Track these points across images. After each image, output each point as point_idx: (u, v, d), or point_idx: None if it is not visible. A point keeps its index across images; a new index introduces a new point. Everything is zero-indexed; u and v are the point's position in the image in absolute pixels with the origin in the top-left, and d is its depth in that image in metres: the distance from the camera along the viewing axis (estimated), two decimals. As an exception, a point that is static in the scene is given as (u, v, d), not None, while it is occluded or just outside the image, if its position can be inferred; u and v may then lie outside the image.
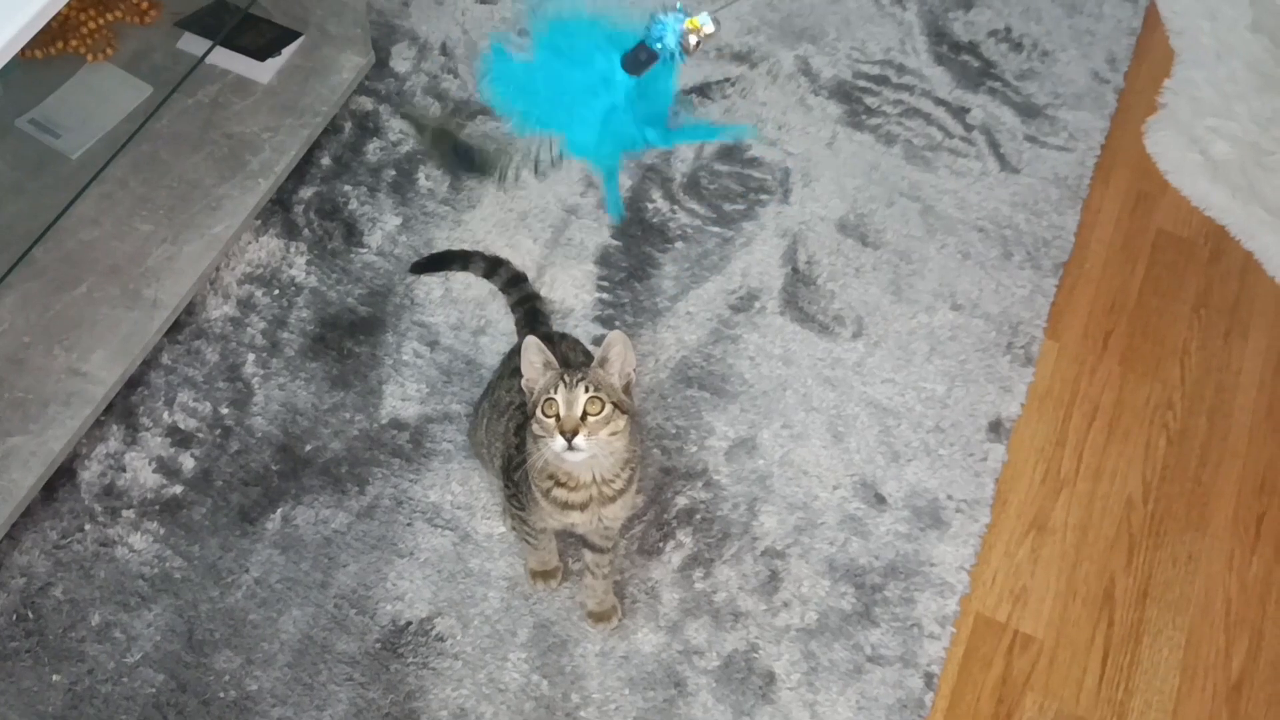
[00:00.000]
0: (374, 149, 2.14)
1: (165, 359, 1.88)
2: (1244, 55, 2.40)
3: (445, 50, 2.28)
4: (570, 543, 1.72)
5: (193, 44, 2.05)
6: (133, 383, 1.83)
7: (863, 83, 2.29)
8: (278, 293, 1.96)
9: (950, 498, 1.82)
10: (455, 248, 2.01)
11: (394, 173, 2.11)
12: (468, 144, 2.10)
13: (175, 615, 1.66)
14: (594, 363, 1.41)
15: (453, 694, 1.62)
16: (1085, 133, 2.26)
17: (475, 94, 2.21)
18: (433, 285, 1.99)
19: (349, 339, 1.92)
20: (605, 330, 1.91)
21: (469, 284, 1.98)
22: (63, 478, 1.75)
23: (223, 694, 1.60)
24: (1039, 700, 1.69)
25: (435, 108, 2.20)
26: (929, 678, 1.67)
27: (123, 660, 1.62)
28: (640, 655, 1.66)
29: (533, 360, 1.42)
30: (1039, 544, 1.82)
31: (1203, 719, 1.69)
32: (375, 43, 2.15)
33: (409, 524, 1.75)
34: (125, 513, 1.73)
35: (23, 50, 1.35)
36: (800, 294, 2.02)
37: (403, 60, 2.25)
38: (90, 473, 1.76)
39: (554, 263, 2.02)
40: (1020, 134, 2.24)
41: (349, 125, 2.16)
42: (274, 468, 1.79)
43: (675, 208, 2.10)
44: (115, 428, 1.81)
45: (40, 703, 1.58)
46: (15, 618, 1.64)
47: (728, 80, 2.28)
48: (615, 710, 1.62)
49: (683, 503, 1.79)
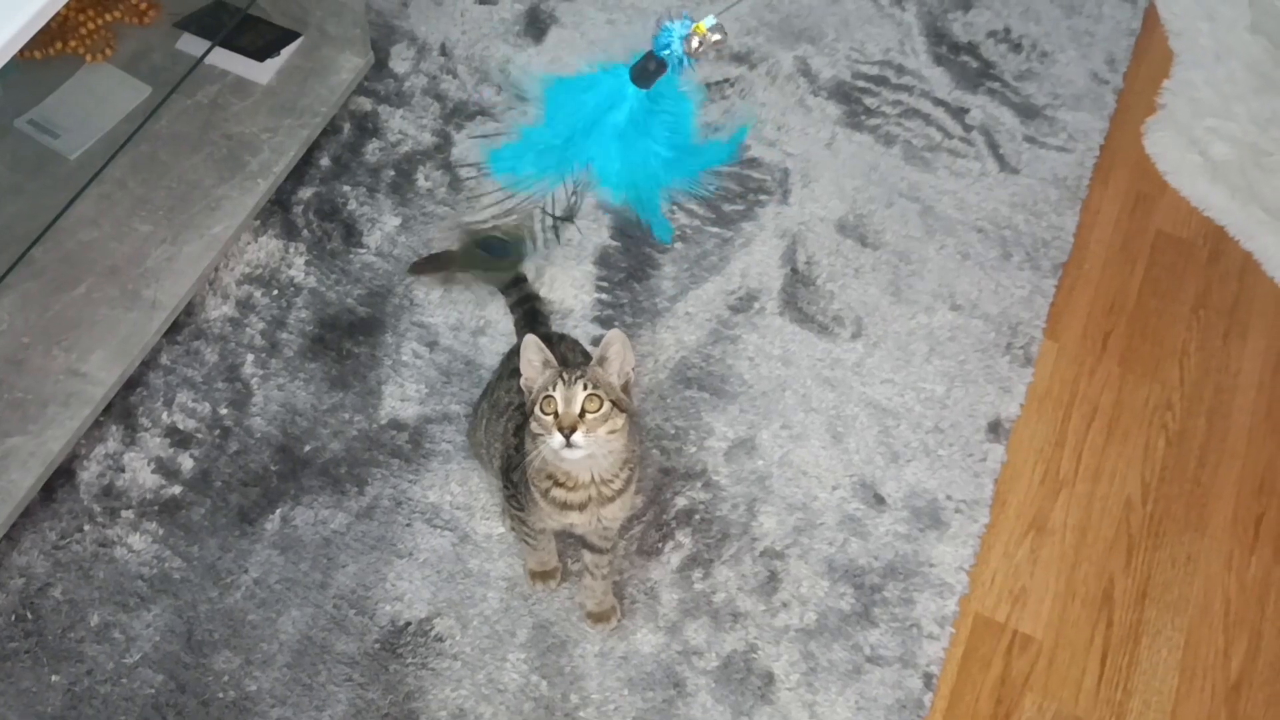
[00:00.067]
0: (373, 149, 2.14)
1: (164, 359, 1.88)
2: (1243, 56, 2.40)
3: (444, 51, 2.28)
4: (569, 543, 1.72)
5: (192, 44, 2.05)
6: (132, 383, 1.83)
7: (862, 83, 2.29)
8: (277, 293, 1.96)
9: (949, 498, 1.82)
10: (455, 248, 2.01)
11: (393, 173, 2.11)
12: (489, 237, 1.99)
13: (174, 616, 1.66)
14: (593, 361, 1.41)
15: (452, 694, 1.62)
16: (1084, 133, 2.26)
17: (474, 95, 2.22)
18: (432, 285, 1.98)
19: (348, 339, 1.92)
20: (604, 331, 1.90)
21: (468, 284, 1.98)
22: (62, 478, 1.75)
23: (222, 694, 1.60)
24: (1038, 700, 1.69)
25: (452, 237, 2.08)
26: (928, 678, 1.67)
27: (122, 661, 1.62)
28: (639, 656, 1.66)
29: (531, 359, 1.41)
30: (1038, 544, 1.82)
31: (1201, 719, 1.69)
32: (374, 43, 2.15)
33: (408, 524, 1.75)
34: (124, 513, 1.73)
35: (22, 51, 1.35)
36: (799, 294, 2.02)
37: (402, 61, 2.26)
38: (89, 473, 1.76)
39: (553, 263, 2.02)
40: (1019, 135, 2.24)
41: (348, 126, 2.16)
42: (273, 468, 1.79)
43: (674, 208, 2.10)
44: (114, 428, 1.81)
45: (39, 703, 1.58)
46: (14, 618, 1.64)
47: (727, 81, 2.28)
48: (614, 710, 1.62)
49: (682, 503, 1.79)
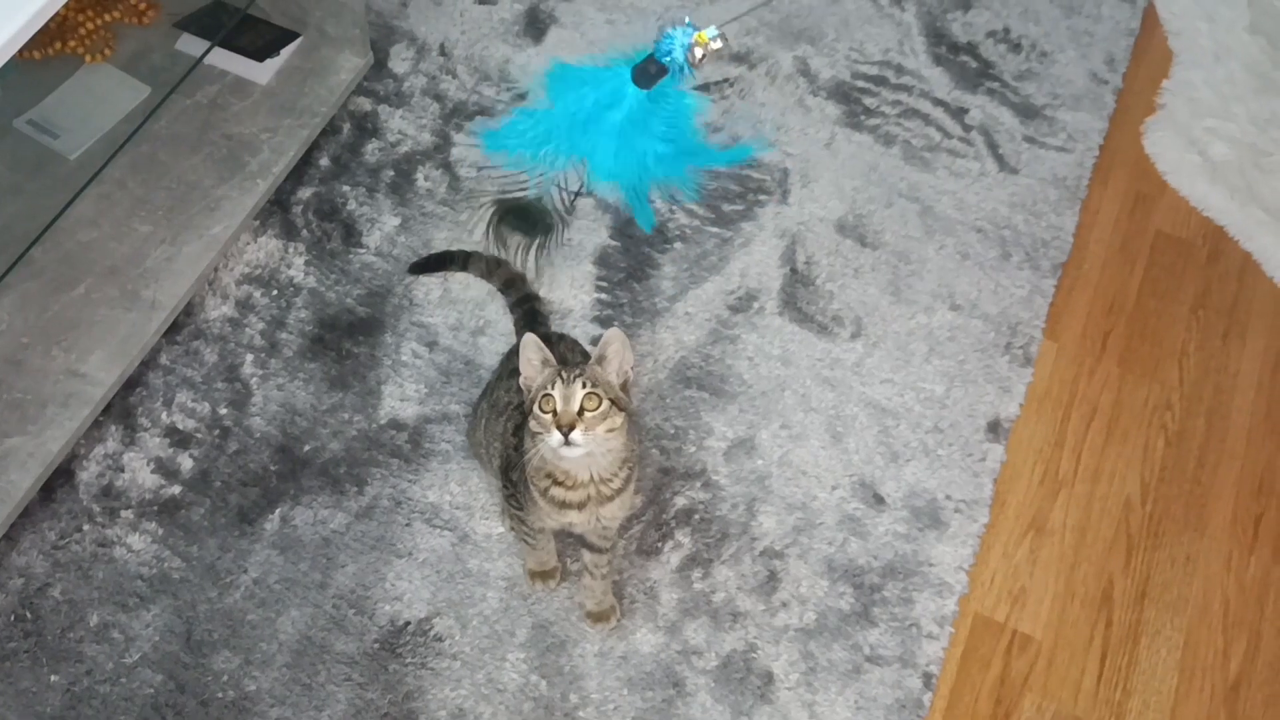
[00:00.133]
0: (372, 150, 2.14)
1: (164, 360, 1.88)
2: (1242, 57, 2.40)
3: (444, 51, 2.28)
4: (569, 543, 1.72)
5: (191, 45, 2.05)
6: (131, 383, 1.83)
7: (861, 83, 2.29)
8: (276, 293, 1.96)
9: (949, 498, 1.82)
10: (454, 248, 2.01)
11: (392, 173, 2.11)
12: (520, 205, 2.03)
13: (174, 616, 1.66)
14: (591, 360, 1.41)
15: (451, 694, 1.62)
16: (1084, 133, 2.26)
17: (473, 96, 2.22)
18: (431, 286, 1.98)
19: (348, 339, 1.92)
20: (604, 331, 1.90)
21: (468, 284, 1.98)
22: (61, 478, 1.75)
23: (221, 694, 1.60)
24: (1037, 700, 1.69)
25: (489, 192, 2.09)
26: (927, 678, 1.67)
27: (121, 661, 1.62)
28: (639, 655, 1.66)
29: (531, 358, 1.42)
30: (1037, 544, 1.82)
31: (1200, 719, 1.69)
32: (374, 43, 2.15)
33: (407, 524, 1.75)
34: (123, 513, 1.73)
35: (21, 51, 1.35)
36: (799, 294, 2.02)
37: (401, 61, 2.26)
38: (88, 473, 1.76)
39: (552, 263, 2.02)
40: (1019, 135, 2.24)
41: (347, 126, 2.16)
42: (272, 468, 1.79)
43: (674, 208, 2.10)
44: (113, 428, 1.81)
45: (38, 703, 1.58)
46: (13, 618, 1.64)
47: (726, 81, 2.28)
48: (614, 710, 1.62)
49: (681, 503, 1.79)
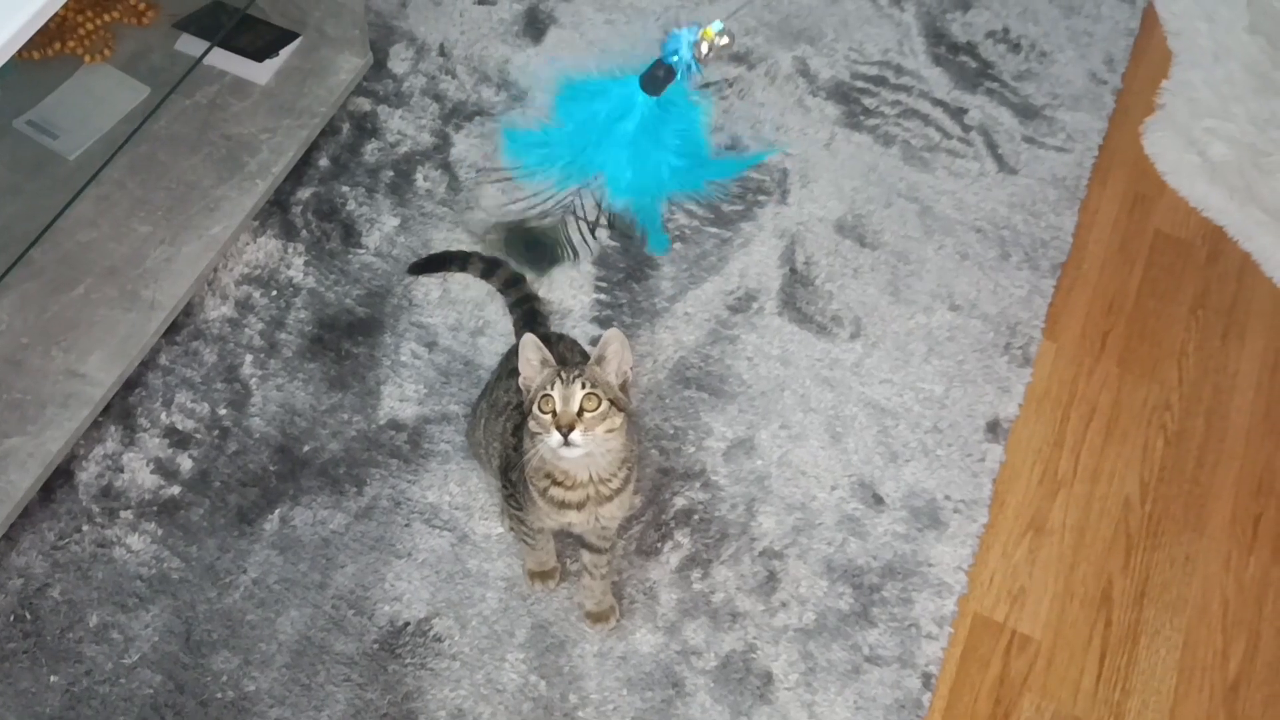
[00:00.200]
0: (372, 150, 2.14)
1: (163, 360, 1.88)
2: (1241, 57, 2.40)
3: (443, 51, 2.28)
4: (568, 543, 1.72)
5: (190, 45, 2.05)
6: (130, 384, 1.83)
7: (861, 84, 2.30)
8: (275, 294, 1.96)
9: (948, 498, 1.82)
10: (453, 248, 2.01)
11: (392, 174, 2.11)
12: (530, 234, 2.02)
13: (173, 616, 1.66)
14: (591, 360, 1.41)
15: (450, 694, 1.62)
16: (1083, 134, 2.26)
17: (473, 96, 2.22)
18: (431, 286, 1.99)
19: (347, 340, 1.92)
20: (603, 331, 1.90)
21: (467, 285, 1.98)
22: (60, 479, 1.75)
23: (220, 695, 1.60)
24: (1036, 700, 1.69)
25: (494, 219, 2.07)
26: (927, 678, 1.67)
27: (120, 661, 1.62)
28: (638, 656, 1.66)
29: (530, 358, 1.42)
30: (1037, 545, 1.82)
31: (1200, 719, 1.69)
32: (373, 44, 2.15)
33: (407, 525, 1.75)
34: (123, 514, 1.73)
35: (20, 51, 1.35)
36: (798, 294, 2.02)
37: (401, 61, 2.26)
38: (88, 474, 1.76)
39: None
40: (1018, 135, 2.24)
41: (347, 126, 2.16)
42: (272, 469, 1.79)
43: (673, 208, 2.10)
44: (113, 429, 1.81)
45: (38, 704, 1.58)
46: (13, 619, 1.64)
47: (726, 81, 2.28)
48: (613, 710, 1.62)
49: (681, 503, 1.79)
